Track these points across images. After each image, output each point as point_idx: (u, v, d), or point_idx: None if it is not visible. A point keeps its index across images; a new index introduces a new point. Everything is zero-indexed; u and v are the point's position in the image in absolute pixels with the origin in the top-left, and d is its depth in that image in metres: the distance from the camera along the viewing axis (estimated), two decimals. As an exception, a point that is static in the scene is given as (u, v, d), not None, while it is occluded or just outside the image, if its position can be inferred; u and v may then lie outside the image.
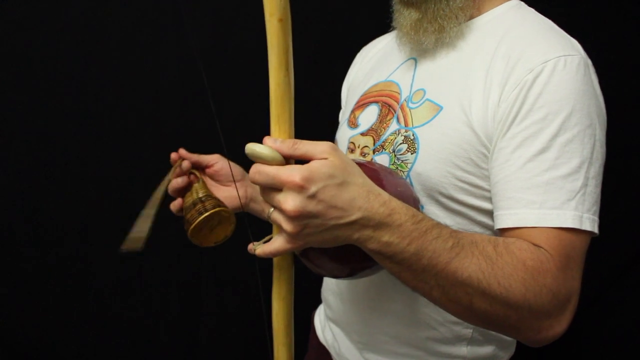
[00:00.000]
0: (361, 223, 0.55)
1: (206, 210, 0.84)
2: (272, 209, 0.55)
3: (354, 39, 1.10)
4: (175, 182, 0.90)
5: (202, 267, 1.58)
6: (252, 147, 0.54)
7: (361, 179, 0.56)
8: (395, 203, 0.57)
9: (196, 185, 0.89)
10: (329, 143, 0.55)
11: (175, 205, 0.92)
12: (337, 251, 0.60)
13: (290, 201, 0.52)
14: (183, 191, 0.91)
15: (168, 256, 1.55)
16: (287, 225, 0.54)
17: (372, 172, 0.63)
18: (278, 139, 0.56)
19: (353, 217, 0.54)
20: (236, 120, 1.36)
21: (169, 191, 0.91)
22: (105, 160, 1.46)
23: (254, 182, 0.55)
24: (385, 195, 0.57)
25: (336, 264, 0.65)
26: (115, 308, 1.55)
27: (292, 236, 0.55)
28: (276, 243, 0.57)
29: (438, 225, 0.59)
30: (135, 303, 1.56)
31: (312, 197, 0.52)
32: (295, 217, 0.53)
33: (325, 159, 0.54)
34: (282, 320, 0.66)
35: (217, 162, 0.93)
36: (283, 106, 0.57)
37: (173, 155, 0.92)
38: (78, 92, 1.43)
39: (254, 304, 1.53)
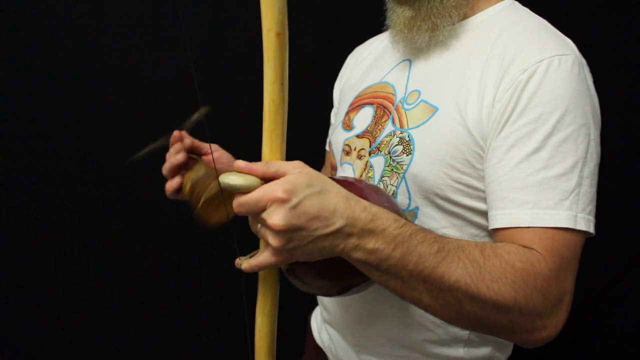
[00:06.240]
0: (345, 231, 0.55)
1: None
2: (260, 224, 0.56)
3: (350, 38, 1.10)
4: (176, 158, 0.85)
5: (201, 274, 1.58)
6: (225, 181, 0.54)
7: (337, 187, 0.57)
8: (376, 209, 0.57)
9: (201, 163, 0.87)
10: (299, 161, 0.57)
11: (173, 184, 0.86)
12: (324, 267, 0.61)
13: (274, 215, 0.53)
14: (178, 171, 0.87)
15: (167, 256, 1.55)
16: (272, 240, 0.54)
17: (358, 190, 0.63)
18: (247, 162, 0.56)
19: (337, 225, 0.55)
20: (230, 127, 1.36)
21: (164, 172, 0.87)
22: (103, 159, 1.47)
23: (241, 215, 0.56)
24: (364, 201, 0.57)
25: (324, 281, 0.64)
26: (114, 308, 1.55)
27: (277, 250, 0.55)
28: (262, 256, 0.58)
29: (422, 229, 0.59)
30: (134, 303, 1.56)
31: (295, 208, 0.53)
32: (280, 232, 0.53)
33: (299, 171, 0.55)
34: (265, 337, 0.65)
35: (215, 150, 0.94)
36: (276, 121, 0.58)
37: (175, 133, 0.88)
38: (71, 90, 1.43)
39: (240, 320, 1.53)
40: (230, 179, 0.54)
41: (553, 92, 0.65)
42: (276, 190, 0.53)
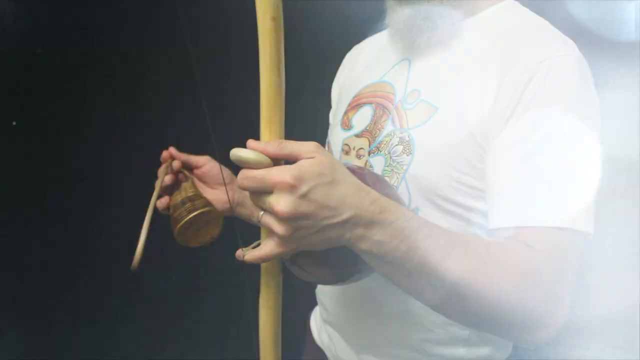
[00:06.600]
0: (353, 222, 0.54)
1: (195, 209, 0.83)
2: (262, 212, 0.54)
3: (350, 37, 1.10)
4: (163, 181, 0.89)
5: (199, 273, 1.58)
6: (236, 153, 0.53)
7: (349, 177, 0.55)
8: (385, 201, 0.56)
9: (185, 184, 0.88)
10: (315, 143, 0.55)
11: (162, 202, 0.90)
12: (325, 256, 0.59)
13: (282, 202, 0.51)
14: (170, 189, 0.90)
15: (167, 258, 1.55)
16: (278, 228, 0.53)
17: (360, 177, 0.62)
18: (262, 141, 0.55)
19: (344, 216, 0.53)
20: (227, 121, 1.36)
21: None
22: (103, 158, 1.47)
23: (244, 189, 0.54)
24: (374, 193, 0.56)
25: (326, 270, 0.63)
26: (114, 307, 1.56)
27: (283, 239, 0.54)
28: (267, 247, 0.56)
29: (428, 224, 0.58)
30: (134, 303, 1.56)
31: (304, 196, 0.51)
32: (287, 219, 0.52)
33: (313, 157, 0.53)
34: (270, 330, 0.64)
35: (206, 163, 0.93)
36: (274, 108, 0.56)
37: (164, 154, 0.91)
38: (71, 90, 1.44)
39: (245, 313, 1.53)
40: (241, 151, 0.53)
41: (554, 92, 0.65)
42: (285, 175, 0.51)
